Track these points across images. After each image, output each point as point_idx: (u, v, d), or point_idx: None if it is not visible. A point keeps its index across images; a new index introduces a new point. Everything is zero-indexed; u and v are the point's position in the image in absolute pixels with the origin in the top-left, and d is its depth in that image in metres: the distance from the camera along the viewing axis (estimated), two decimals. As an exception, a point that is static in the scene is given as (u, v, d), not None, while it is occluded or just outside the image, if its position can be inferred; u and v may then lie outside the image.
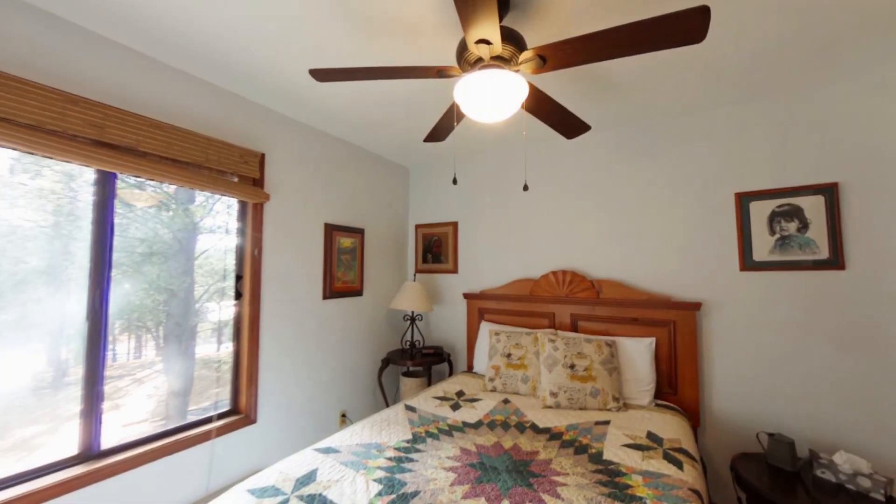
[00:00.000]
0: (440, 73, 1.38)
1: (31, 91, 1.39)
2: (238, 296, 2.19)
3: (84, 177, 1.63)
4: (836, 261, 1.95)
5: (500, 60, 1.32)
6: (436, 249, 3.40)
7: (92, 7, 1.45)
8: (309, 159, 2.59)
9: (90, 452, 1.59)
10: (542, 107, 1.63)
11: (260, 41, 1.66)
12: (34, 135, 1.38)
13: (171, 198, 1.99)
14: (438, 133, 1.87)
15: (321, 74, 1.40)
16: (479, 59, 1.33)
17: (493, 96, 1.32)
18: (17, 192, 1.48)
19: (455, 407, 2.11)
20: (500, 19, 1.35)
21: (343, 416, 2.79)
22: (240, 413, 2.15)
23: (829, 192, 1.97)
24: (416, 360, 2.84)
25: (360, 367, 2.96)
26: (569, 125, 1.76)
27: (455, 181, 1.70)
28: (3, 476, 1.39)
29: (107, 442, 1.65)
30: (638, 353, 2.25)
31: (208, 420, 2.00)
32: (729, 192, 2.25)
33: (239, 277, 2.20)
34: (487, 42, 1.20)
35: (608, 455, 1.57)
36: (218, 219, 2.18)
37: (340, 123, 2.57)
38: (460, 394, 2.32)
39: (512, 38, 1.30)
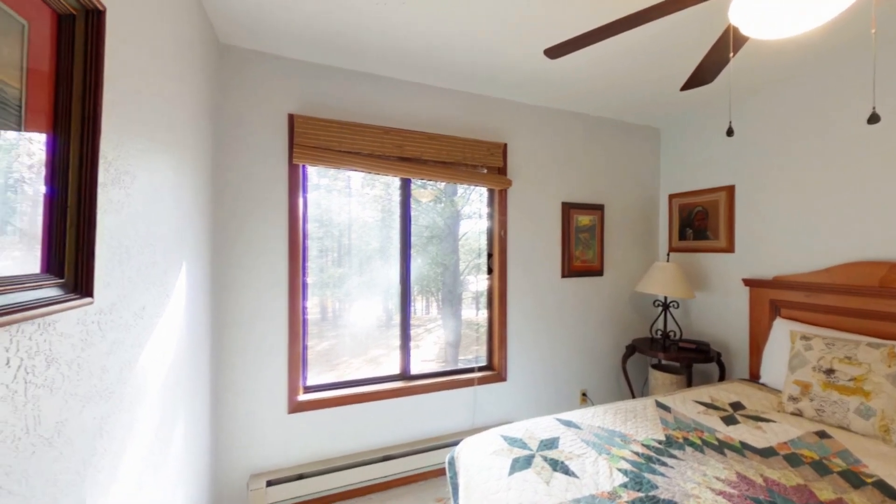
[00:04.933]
0: (706, -6, 1.07)
1: (366, 131, 2.09)
2: (489, 271, 2.56)
3: (394, 184, 2.32)
4: None
5: (818, -66, 0.88)
6: (699, 223, 2.74)
7: (395, 60, 2.01)
8: (545, 140, 2.64)
9: (405, 374, 2.31)
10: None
11: (499, 42, 1.81)
12: (370, 160, 2.08)
13: (441, 192, 2.54)
14: (703, 74, 1.46)
15: (555, 51, 1.38)
16: (776, -51, 0.93)
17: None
18: (365, 199, 2.30)
19: (729, 420, 1.68)
20: None
21: (583, 394, 2.78)
22: (493, 370, 2.53)
23: None
24: (669, 354, 2.44)
25: (600, 349, 2.85)
26: None
27: (730, 132, 1.30)
28: (367, 377, 2.24)
29: (414, 369, 2.34)
30: None
31: (471, 370, 2.48)
32: None
33: (490, 255, 2.56)
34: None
35: None
36: (473, 206, 2.60)
37: (576, 95, 2.47)
38: (737, 406, 1.82)
39: None
